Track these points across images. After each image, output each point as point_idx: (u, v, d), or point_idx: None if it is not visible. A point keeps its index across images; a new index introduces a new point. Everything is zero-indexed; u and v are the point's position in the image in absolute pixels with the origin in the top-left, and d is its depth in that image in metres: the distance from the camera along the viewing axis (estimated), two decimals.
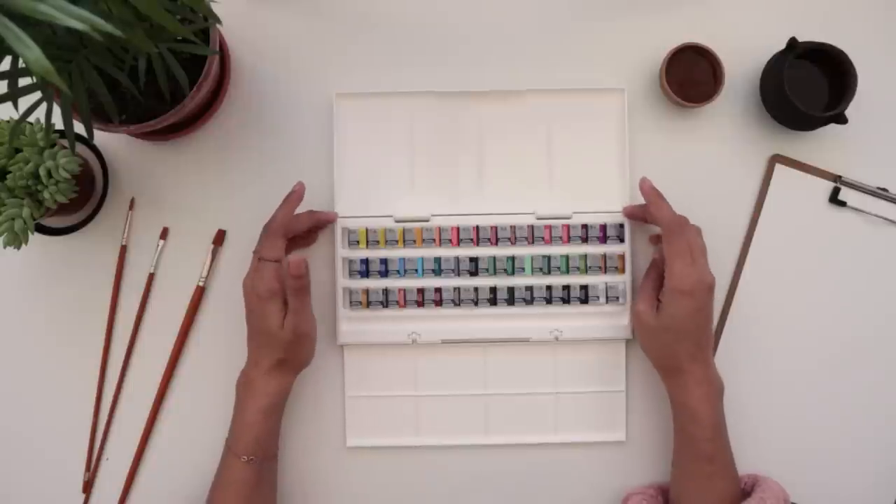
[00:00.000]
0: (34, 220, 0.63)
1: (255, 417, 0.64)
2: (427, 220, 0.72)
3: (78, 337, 0.72)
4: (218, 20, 0.55)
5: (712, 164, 0.73)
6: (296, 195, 0.68)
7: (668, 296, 0.64)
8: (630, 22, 0.74)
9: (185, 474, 0.72)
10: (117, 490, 0.72)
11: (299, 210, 0.68)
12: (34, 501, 0.72)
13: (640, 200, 0.72)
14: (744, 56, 0.73)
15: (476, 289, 0.72)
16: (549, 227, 0.72)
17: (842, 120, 0.68)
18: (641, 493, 0.69)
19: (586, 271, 0.72)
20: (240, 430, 0.65)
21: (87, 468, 0.72)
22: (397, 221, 0.72)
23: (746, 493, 0.66)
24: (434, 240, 0.72)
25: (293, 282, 0.63)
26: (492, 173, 0.72)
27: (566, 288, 0.72)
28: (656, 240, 0.72)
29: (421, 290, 0.72)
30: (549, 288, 0.72)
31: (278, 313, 0.64)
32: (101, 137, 0.68)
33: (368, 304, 0.71)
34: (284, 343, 0.64)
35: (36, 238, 0.70)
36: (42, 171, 0.62)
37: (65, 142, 0.66)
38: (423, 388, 0.72)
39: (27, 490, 0.72)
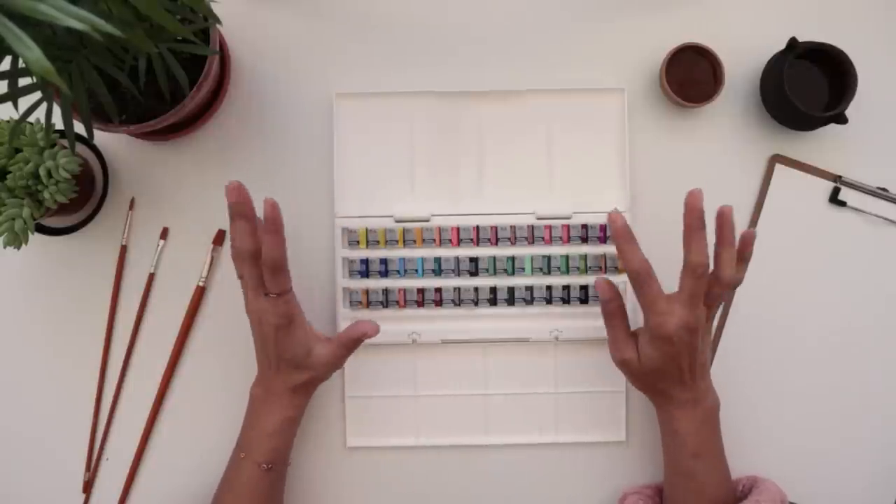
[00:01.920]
0: (34, 220, 0.63)
1: (280, 427, 0.65)
2: (427, 221, 0.71)
3: (78, 337, 0.72)
4: (218, 20, 0.55)
5: (712, 164, 0.73)
6: (278, 221, 0.60)
7: (649, 341, 0.61)
8: (630, 22, 0.74)
9: (185, 474, 0.72)
10: (117, 490, 0.72)
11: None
12: (34, 501, 0.72)
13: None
14: (744, 56, 0.73)
15: (476, 289, 0.72)
16: (549, 228, 0.72)
17: (842, 120, 0.68)
18: (638, 493, 0.69)
19: (586, 271, 0.72)
20: (259, 439, 0.64)
21: (87, 468, 0.72)
22: (397, 221, 0.72)
23: (744, 495, 0.66)
24: (434, 240, 0.72)
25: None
26: (492, 173, 0.72)
27: (566, 288, 0.72)
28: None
29: (421, 290, 0.72)
30: (548, 288, 0.72)
31: (301, 340, 0.63)
32: (101, 137, 0.68)
33: (368, 305, 0.71)
34: (313, 368, 0.64)
35: (36, 238, 0.70)
36: (42, 171, 0.62)
37: (65, 142, 0.65)
38: (423, 388, 0.72)
39: (27, 490, 0.72)
